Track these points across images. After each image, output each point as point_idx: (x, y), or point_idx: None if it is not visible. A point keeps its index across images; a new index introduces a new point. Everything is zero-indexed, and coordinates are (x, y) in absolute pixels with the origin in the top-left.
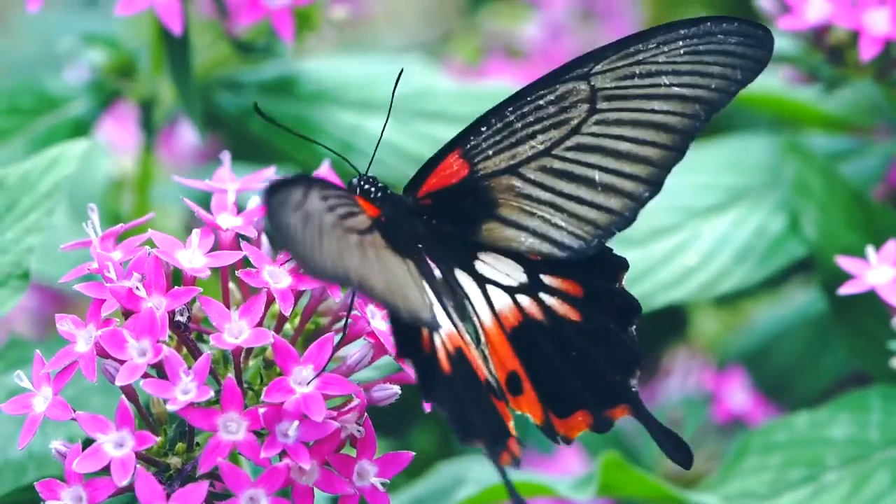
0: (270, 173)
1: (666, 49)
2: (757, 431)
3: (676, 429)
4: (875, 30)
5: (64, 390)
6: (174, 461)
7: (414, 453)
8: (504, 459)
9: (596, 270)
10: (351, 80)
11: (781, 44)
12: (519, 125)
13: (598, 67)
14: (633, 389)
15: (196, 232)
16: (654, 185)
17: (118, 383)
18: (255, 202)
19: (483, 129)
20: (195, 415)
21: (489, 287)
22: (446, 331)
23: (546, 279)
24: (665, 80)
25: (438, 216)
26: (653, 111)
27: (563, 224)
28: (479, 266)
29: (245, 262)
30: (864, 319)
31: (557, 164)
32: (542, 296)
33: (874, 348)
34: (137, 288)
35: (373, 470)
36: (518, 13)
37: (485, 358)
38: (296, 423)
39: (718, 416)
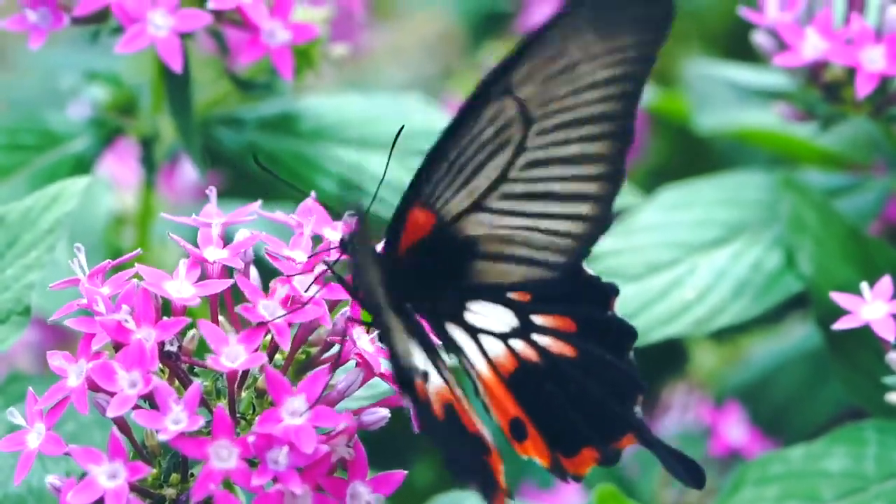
0: (256, 207)
1: (573, 34)
2: (753, 464)
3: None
4: (871, 67)
5: (64, 426)
6: (169, 492)
7: (406, 472)
8: (498, 502)
9: (586, 301)
10: (351, 117)
11: (778, 81)
12: (463, 160)
13: (518, 76)
14: (638, 416)
15: (182, 262)
16: (615, 178)
17: (109, 415)
18: (243, 235)
19: (432, 174)
20: (186, 444)
21: (482, 336)
22: (436, 386)
23: (537, 319)
24: (585, 67)
25: (422, 270)
26: (587, 104)
27: (545, 244)
28: (469, 317)
29: (233, 292)
30: (860, 354)
31: (518, 188)
32: (535, 337)
33: (869, 383)
34: (126, 321)
35: (365, 491)
36: None
37: (484, 408)
38: (285, 449)
39: (716, 451)
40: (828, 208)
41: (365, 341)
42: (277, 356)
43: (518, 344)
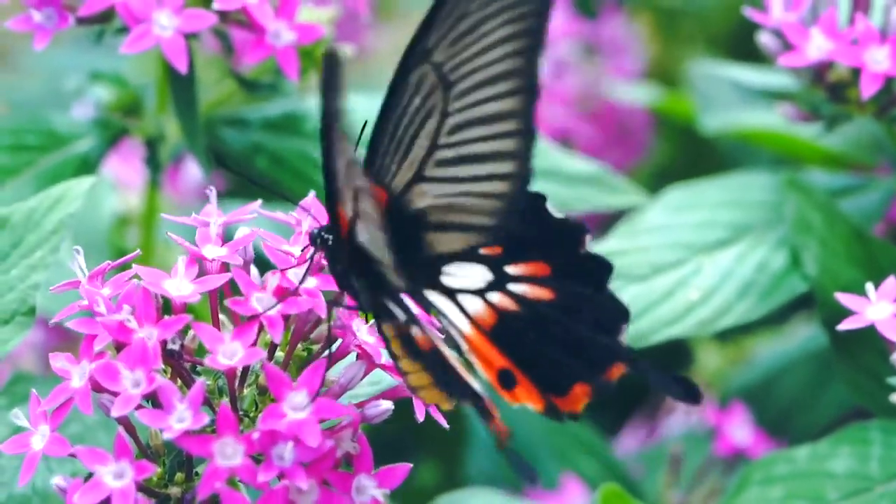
0: (256, 206)
1: None
2: (758, 464)
3: (678, 464)
4: (876, 67)
5: (69, 428)
6: (174, 491)
7: (410, 465)
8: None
9: (557, 242)
10: (356, 117)
11: (783, 81)
12: (400, 132)
13: (431, 41)
14: (623, 345)
15: (181, 259)
16: (529, 133)
17: (113, 415)
18: (242, 233)
19: (377, 150)
20: (191, 442)
21: (460, 296)
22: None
23: (511, 269)
24: (487, 26)
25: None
26: (494, 62)
27: (478, 208)
28: (446, 280)
29: (233, 290)
30: (864, 355)
31: (448, 153)
32: (511, 287)
33: (874, 384)
34: (128, 320)
35: (371, 484)
36: None
37: (470, 367)
38: (290, 444)
39: (720, 452)
40: (833, 209)
41: (365, 333)
42: (279, 353)
43: (495, 296)
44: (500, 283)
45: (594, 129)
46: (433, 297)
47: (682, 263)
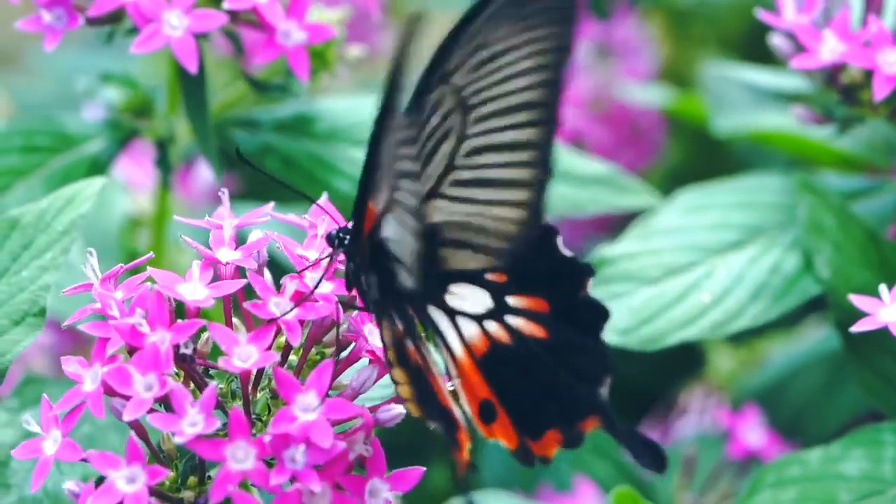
0: (269, 209)
1: (494, 24)
2: (770, 466)
3: (692, 466)
4: (889, 69)
5: (80, 429)
6: (187, 495)
7: (424, 469)
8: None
9: (561, 281)
10: (366, 118)
11: (795, 83)
12: (417, 148)
13: (451, 65)
14: (602, 398)
15: (196, 263)
16: (544, 166)
17: (125, 419)
18: (256, 236)
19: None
20: (203, 446)
21: (459, 318)
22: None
23: (511, 300)
24: (509, 56)
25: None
26: (514, 92)
27: (493, 230)
28: (450, 299)
29: (246, 294)
30: (878, 357)
31: (465, 174)
32: (509, 318)
33: (887, 386)
34: (141, 324)
35: (384, 487)
36: None
37: (454, 393)
38: (302, 447)
39: (733, 454)
40: (846, 211)
41: (377, 337)
42: (292, 357)
43: (492, 325)
44: (498, 312)
45: (606, 131)
46: (435, 314)
47: (694, 266)
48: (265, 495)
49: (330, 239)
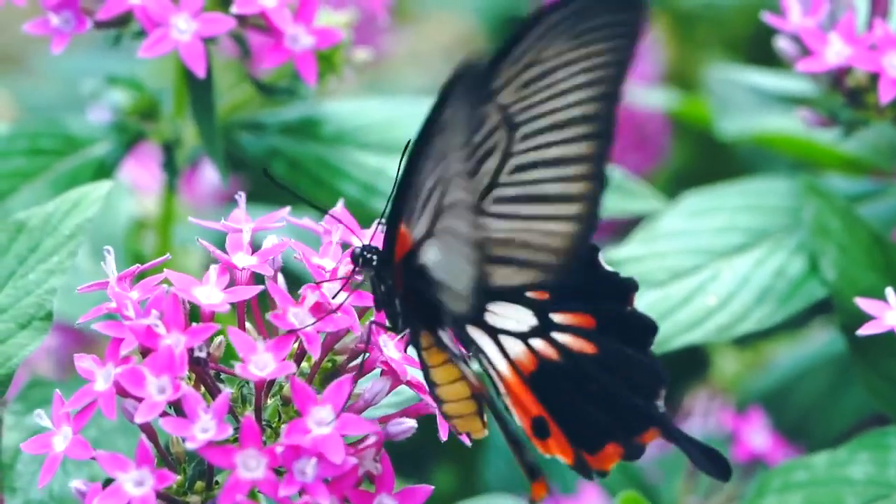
0: (285, 213)
1: (547, 41)
2: (776, 471)
3: (696, 470)
4: (894, 72)
5: (86, 431)
6: (194, 500)
7: (433, 487)
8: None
9: (605, 296)
10: (373, 122)
11: (801, 86)
12: None
13: (497, 83)
14: (660, 410)
15: (213, 268)
16: (598, 178)
17: (137, 421)
18: (272, 241)
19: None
20: (214, 453)
21: (502, 337)
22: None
23: (556, 318)
24: (562, 73)
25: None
26: (566, 107)
27: (540, 245)
28: (490, 318)
29: (260, 300)
30: (883, 360)
31: (510, 191)
32: (555, 335)
33: (893, 389)
34: (156, 325)
35: (393, 503)
36: None
37: (505, 408)
38: (314, 460)
39: (739, 457)
40: (851, 214)
41: (392, 349)
42: (304, 364)
43: (538, 343)
44: (544, 329)
45: None
46: (474, 333)
47: (700, 269)
48: None
49: (355, 258)
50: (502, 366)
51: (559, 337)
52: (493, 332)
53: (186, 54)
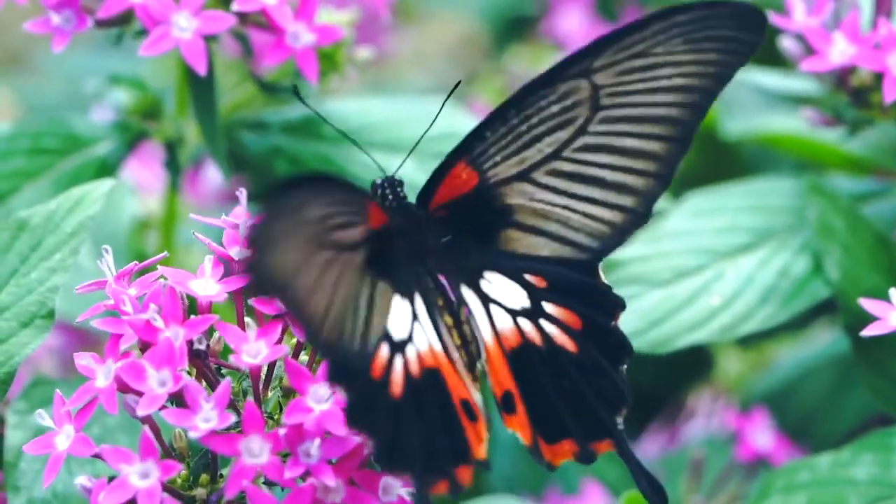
0: None
1: (663, 38)
2: (780, 471)
3: (699, 469)
4: None
5: (89, 430)
6: (199, 492)
7: None
8: (439, 488)
9: (596, 305)
10: (376, 120)
11: (805, 86)
12: (524, 128)
13: (598, 63)
14: (619, 427)
15: (208, 258)
16: (664, 179)
17: (139, 414)
18: None
19: (487, 134)
20: (217, 441)
21: (492, 306)
22: (424, 349)
23: (548, 307)
24: (665, 71)
25: (453, 228)
26: (656, 104)
27: (580, 225)
28: (485, 285)
29: None
30: (887, 361)
31: (567, 167)
32: (543, 323)
33: None
34: (154, 319)
35: (398, 484)
36: (541, 54)
37: (476, 373)
38: (317, 441)
39: (742, 457)
40: (855, 214)
41: None
42: (303, 356)
43: (526, 324)
44: (534, 313)
45: None
46: (467, 294)
47: (704, 269)
48: (276, 493)
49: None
50: (487, 334)
51: (546, 326)
52: (486, 300)
53: (188, 52)
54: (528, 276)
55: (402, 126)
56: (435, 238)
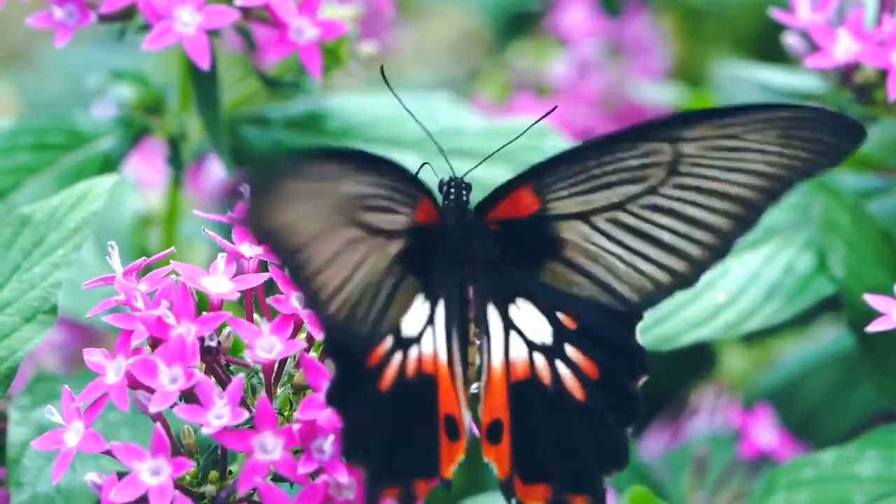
0: None
1: (760, 127)
2: (784, 468)
3: (703, 466)
4: None
5: (93, 425)
6: (208, 489)
7: None
8: (389, 495)
9: (620, 362)
10: (379, 116)
11: (809, 82)
12: (597, 172)
13: (689, 134)
14: (603, 486)
15: (221, 256)
16: (720, 253)
17: (152, 410)
18: None
19: (560, 168)
20: (230, 438)
21: (512, 333)
22: (427, 354)
23: (570, 350)
24: (752, 156)
25: (500, 246)
26: (732, 183)
27: (626, 276)
28: (513, 310)
29: (268, 290)
30: (892, 357)
31: (630, 220)
32: (559, 363)
33: None
34: (166, 315)
35: None
36: (546, 50)
37: (466, 397)
38: (331, 437)
39: (746, 454)
40: (860, 211)
41: None
42: (313, 354)
43: (540, 360)
44: (553, 351)
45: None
46: (492, 314)
47: None
48: (287, 489)
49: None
50: (497, 358)
51: (561, 367)
52: (508, 325)
53: (190, 47)
54: (559, 314)
55: (406, 121)
56: (479, 251)
